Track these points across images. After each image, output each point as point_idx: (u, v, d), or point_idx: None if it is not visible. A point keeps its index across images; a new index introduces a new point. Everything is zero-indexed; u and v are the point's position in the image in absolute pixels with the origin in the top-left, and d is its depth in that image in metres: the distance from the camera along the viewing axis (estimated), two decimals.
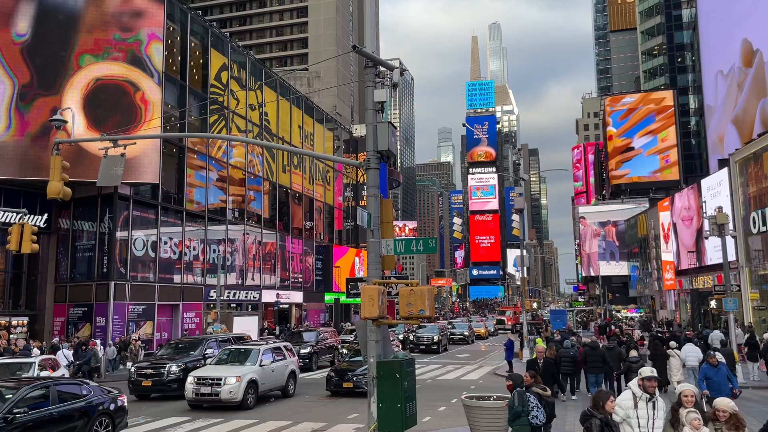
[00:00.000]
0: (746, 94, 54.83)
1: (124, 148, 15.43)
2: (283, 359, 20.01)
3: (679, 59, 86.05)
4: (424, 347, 36.32)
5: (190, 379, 17.69)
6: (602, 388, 10.04)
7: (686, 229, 49.87)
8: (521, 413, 9.67)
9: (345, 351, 28.34)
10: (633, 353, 17.91)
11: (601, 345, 20.10)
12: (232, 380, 17.17)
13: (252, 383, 17.72)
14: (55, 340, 28.22)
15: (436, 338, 36.74)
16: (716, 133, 62.85)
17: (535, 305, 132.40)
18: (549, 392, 10.64)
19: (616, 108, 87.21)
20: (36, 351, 23.42)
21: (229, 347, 20.29)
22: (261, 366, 18.44)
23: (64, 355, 23.83)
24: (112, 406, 13.18)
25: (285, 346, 21.03)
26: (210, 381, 17.27)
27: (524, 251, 34.53)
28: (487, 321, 67.15)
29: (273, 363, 19.24)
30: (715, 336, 25.63)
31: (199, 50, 39.61)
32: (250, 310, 42.26)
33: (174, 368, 19.68)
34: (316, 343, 28.76)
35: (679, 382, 18.75)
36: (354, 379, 19.48)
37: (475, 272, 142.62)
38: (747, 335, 25.77)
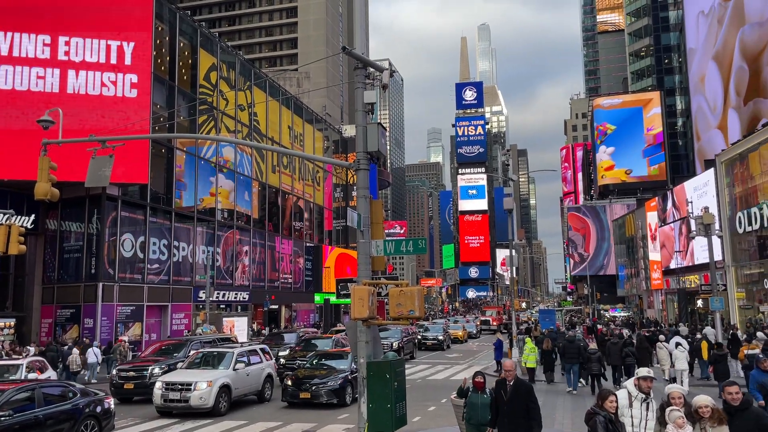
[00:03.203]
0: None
1: (113, 149, 15.34)
2: (259, 362, 19.18)
3: (666, 61, 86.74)
4: None
5: (158, 384, 16.93)
6: (605, 387, 9.96)
7: (670, 231, 50.35)
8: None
9: (283, 361, 23.62)
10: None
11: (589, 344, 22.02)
12: (203, 385, 16.41)
13: (224, 388, 16.92)
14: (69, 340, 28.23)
15: (395, 345, 30.35)
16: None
17: (524, 305, 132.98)
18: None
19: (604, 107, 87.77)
20: (75, 350, 24.37)
21: (202, 350, 19.58)
22: (235, 370, 17.64)
23: (95, 353, 24.99)
24: (98, 409, 13.10)
25: (262, 349, 20.27)
26: (179, 386, 16.48)
27: (513, 251, 34.66)
28: (468, 321, 59.14)
29: (248, 366, 18.39)
30: (709, 332, 26.00)
31: (188, 50, 39.43)
32: (239, 310, 42.11)
33: (157, 370, 19.33)
34: (296, 345, 28.29)
35: (672, 366, 19.65)
36: (312, 389, 17.66)
37: (464, 272, 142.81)
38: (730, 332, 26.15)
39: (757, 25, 50.58)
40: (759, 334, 25.55)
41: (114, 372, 20.45)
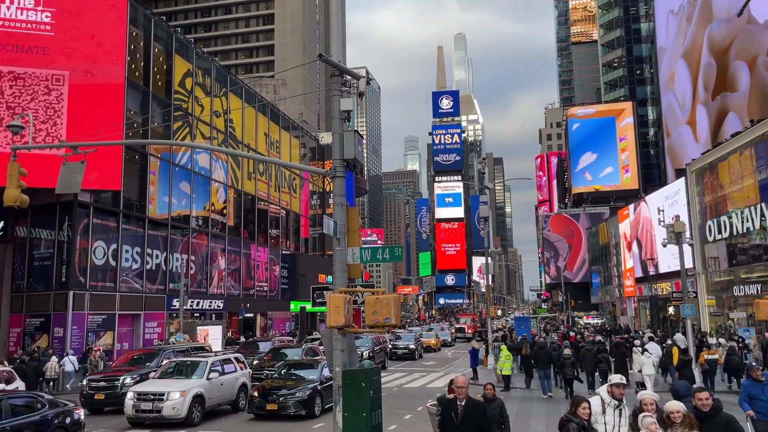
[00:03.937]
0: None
1: (85, 155, 15.09)
2: (233, 372, 18.96)
3: (638, 72, 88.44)
4: None
5: (129, 394, 16.62)
6: (578, 394, 9.85)
7: (641, 240, 51.15)
8: None
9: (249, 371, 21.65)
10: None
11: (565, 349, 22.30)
12: (176, 395, 16.13)
13: (198, 398, 16.67)
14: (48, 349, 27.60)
15: (366, 354, 29.28)
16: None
17: (499, 312, 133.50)
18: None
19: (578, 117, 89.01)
20: (54, 358, 24.32)
21: (175, 360, 19.30)
22: (208, 379, 17.39)
23: (71, 362, 25.16)
24: (68, 420, 12.87)
25: (236, 358, 20.11)
26: (152, 396, 16.18)
27: (489, 259, 34.91)
28: (442, 329, 59.10)
29: (222, 376, 18.16)
30: (679, 339, 26.43)
31: (163, 56, 39.03)
32: (213, 319, 41.60)
33: (128, 380, 18.99)
34: (264, 354, 27.79)
35: (640, 371, 20.02)
36: (279, 400, 17.07)
37: (441, 280, 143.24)
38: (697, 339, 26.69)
39: (724, 22, 51.82)
40: (721, 340, 26.08)
41: (84, 382, 20.05)
